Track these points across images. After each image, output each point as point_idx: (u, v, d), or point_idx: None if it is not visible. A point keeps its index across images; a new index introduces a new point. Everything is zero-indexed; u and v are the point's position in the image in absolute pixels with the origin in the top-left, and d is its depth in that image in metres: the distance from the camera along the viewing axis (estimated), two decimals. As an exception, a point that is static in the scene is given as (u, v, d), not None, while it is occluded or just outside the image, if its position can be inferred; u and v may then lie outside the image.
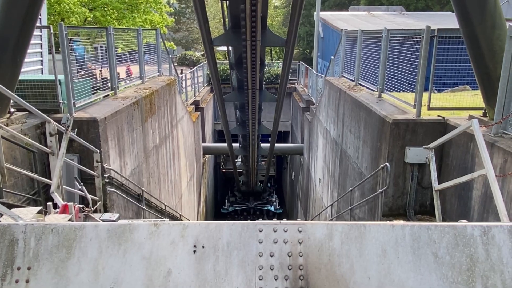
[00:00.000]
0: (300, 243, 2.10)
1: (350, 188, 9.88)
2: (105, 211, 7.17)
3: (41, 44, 11.46)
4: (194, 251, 2.08)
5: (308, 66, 23.59)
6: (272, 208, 25.68)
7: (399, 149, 7.39)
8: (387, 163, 7.30)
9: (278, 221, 2.18)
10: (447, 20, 21.03)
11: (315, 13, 27.42)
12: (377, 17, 28.15)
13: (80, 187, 5.88)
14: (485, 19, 6.26)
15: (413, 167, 7.41)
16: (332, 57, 14.95)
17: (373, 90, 10.04)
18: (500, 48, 6.10)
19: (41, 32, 11.30)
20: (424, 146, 5.57)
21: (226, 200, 26.84)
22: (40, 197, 6.69)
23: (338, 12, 32.64)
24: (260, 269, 2.05)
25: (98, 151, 6.91)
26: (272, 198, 26.99)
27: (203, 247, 2.08)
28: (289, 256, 2.08)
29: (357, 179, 9.64)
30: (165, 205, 11.43)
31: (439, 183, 5.18)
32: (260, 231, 2.11)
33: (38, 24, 7.21)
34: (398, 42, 8.73)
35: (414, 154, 7.23)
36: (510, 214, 5.18)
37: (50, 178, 5.54)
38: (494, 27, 6.33)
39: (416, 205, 7.62)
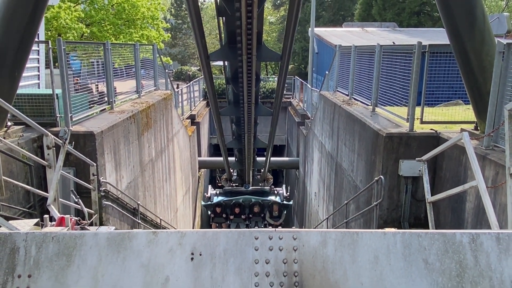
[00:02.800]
0: (295, 250, 2.15)
1: (346, 201, 9.93)
2: (101, 224, 7.17)
3: (38, 58, 11.55)
4: (192, 259, 2.13)
5: (303, 81, 23.85)
6: (278, 199, 18.07)
7: (393, 162, 7.48)
8: (381, 176, 7.38)
9: (273, 229, 2.24)
10: (439, 36, 21.42)
11: (309, 29, 27.85)
12: (370, 33, 28.61)
13: (76, 200, 5.90)
14: (474, 35, 6.43)
15: (407, 180, 7.49)
16: (327, 72, 15.16)
17: (367, 104, 10.19)
18: (489, 63, 6.25)
19: (38, 47, 11.41)
20: (417, 159, 5.66)
21: (210, 187, 19.68)
22: (36, 210, 6.68)
23: (333, 28, 33.13)
24: (256, 276, 2.10)
25: (95, 164, 6.94)
26: (277, 187, 20.05)
27: (200, 254, 2.13)
28: (284, 263, 2.13)
29: (352, 192, 9.70)
30: (160, 219, 11.41)
31: (432, 196, 5.25)
32: (256, 239, 2.16)
33: (36, 39, 7.31)
34: (391, 58, 8.91)
35: (408, 167, 7.33)
36: (503, 226, 5.25)
37: (46, 191, 5.55)
38: (483, 42, 6.49)
39: (410, 218, 7.67)
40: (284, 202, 18.02)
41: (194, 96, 22.13)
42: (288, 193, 18.98)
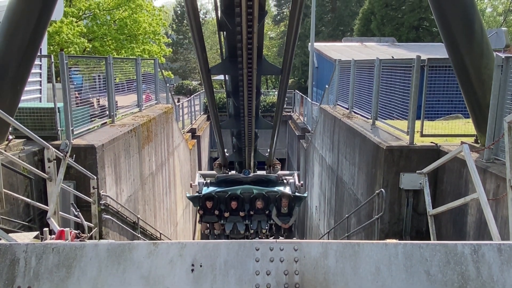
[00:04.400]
0: (296, 261, 2.14)
1: (347, 215, 9.88)
2: (100, 238, 7.12)
3: (40, 73, 11.64)
4: (192, 270, 2.12)
5: (303, 95, 23.99)
6: (288, 190, 13.01)
7: (394, 175, 7.47)
8: (382, 189, 7.36)
9: (274, 240, 2.23)
10: (438, 51, 21.59)
11: (309, 44, 28.13)
12: (369, 47, 28.87)
13: (76, 213, 5.88)
14: (472, 48, 6.49)
15: (408, 193, 7.47)
16: (327, 86, 15.25)
17: (367, 118, 10.22)
18: (488, 76, 6.29)
19: (41, 61, 11.50)
20: (417, 172, 5.66)
21: (198, 174, 14.99)
22: (35, 224, 6.66)
23: (332, 43, 33.46)
24: (257, 288, 2.08)
25: (95, 177, 6.94)
26: (287, 176, 14.94)
27: (200, 266, 2.12)
28: (285, 275, 2.12)
29: (353, 205, 9.66)
30: (160, 234, 11.34)
31: (434, 209, 5.24)
32: (257, 250, 2.16)
33: (38, 53, 7.38)
34: (390, 72, 8.97)
35: (409, 180, 7.31)
36: (504, 239, 5.21)
37: (46, 205, 5.54)
38: (481, 56, 6.55)
39: (412, 231, 7.62)
40: (296, 193, 12.78)
41: (194, 110, 22.23)
42: (301, 182, 13.82)
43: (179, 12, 57.84)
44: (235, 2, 5.66)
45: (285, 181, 13.58)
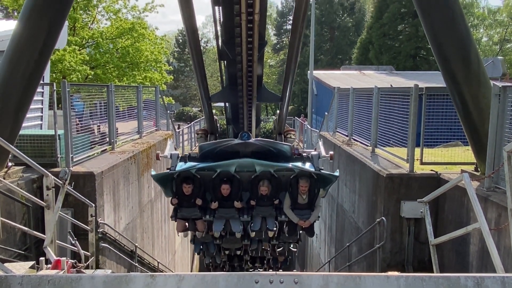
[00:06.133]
0: (296, 295, 2.09)
1: (347, 244, 9.74)
2: (97, 267, 7.00)
3: (42, 100, 11.73)
4: (190, 304, 2.07)
5: (302, 122, 24.11)
6: (309, 167, 6.94)
7: (394, 203, 7.42)
8: (383, 218, 7.29)
9: (274, 272, 2.19)
10: (435, 79, 21.89)
11: (308, 71, 28.55)
12: (368, 76, 29.28)
13: (73, 242, 5.80)
14: (469, 77, 6.58)
15: (410, 221, 7.39)
16: (326, 113, 15.36)
17: (367, 145, 10.24)
18: (486, 105, 6.34)
19: (43, 89, 11.62)
20: (418, 200, 5.62)
21: (170, 141, 8.29)
22: (32, 252, 6.55)
23: (331, 71, 33.97)
24: (256, 323, 2.03)
25: (93, 205, 6.89)
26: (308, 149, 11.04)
27: (199, 299, 2.08)
28: (285, 309, 2.07)
29: (354, 234, 9.54)
30: (158, 262, 11.14)
31: (435, 238, 5.18)
32: (256, 283, 2.11)
33: (41, 81, 7.46)
34: (389, 100, 9.06)
35: (410, 208, 7.25)
36: (508, 269, 5.12)
37: (43, 233, 5.48)
38: (479, 85, 6.63)
39: (414, 261, 7.50)
40: (322, 171, 7.15)
41: (195, 137, 22.29)
42: (331, 153, 7.84)
43: (180, 40, 59.03)
44: (236, 32, 5.78)
45: (303, 154, 7.85)
